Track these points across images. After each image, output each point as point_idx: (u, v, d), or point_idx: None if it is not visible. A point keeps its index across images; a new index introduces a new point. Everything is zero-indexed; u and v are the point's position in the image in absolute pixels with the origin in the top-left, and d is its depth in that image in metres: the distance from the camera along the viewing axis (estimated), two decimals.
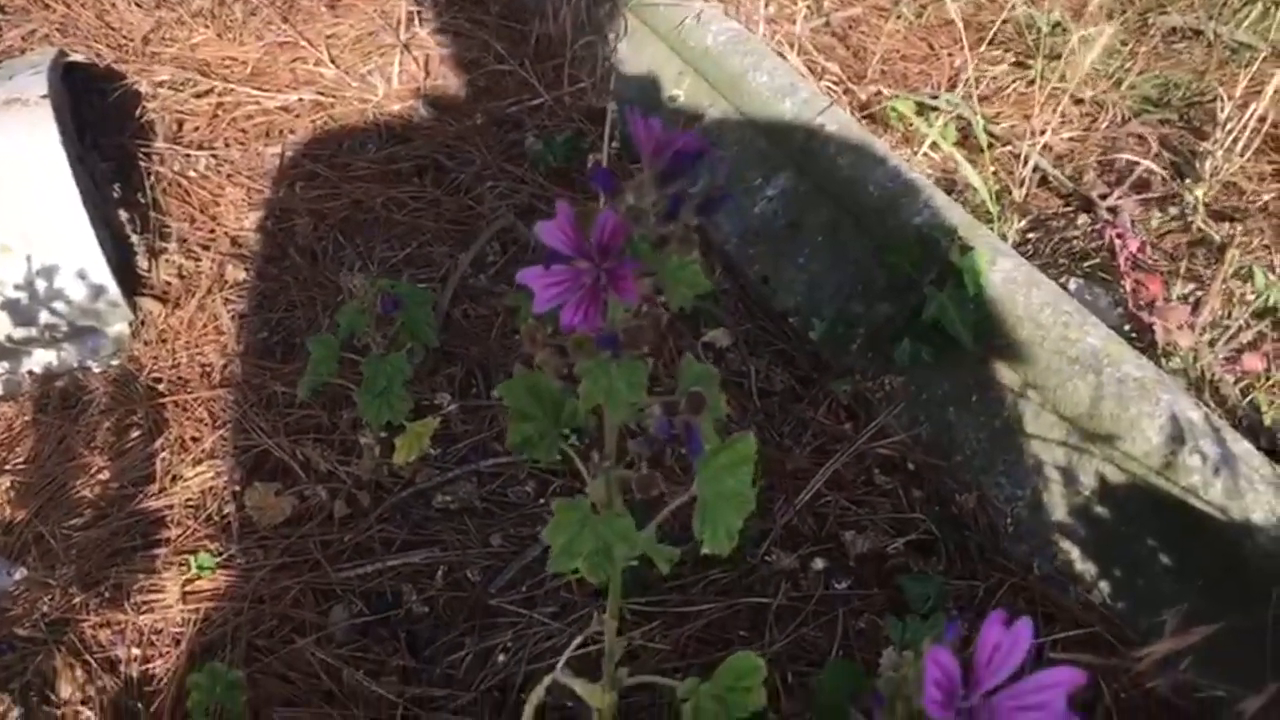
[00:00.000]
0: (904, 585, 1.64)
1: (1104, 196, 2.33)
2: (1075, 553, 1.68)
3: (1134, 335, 1.94)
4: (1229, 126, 2.32)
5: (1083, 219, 2.33)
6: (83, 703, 1.66)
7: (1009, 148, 2.50)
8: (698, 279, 0.93)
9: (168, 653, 1.72)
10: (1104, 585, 1.61)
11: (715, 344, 2.12)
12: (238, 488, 1.92)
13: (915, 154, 2.48)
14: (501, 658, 1.69)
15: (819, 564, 1.73)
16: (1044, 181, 2.44)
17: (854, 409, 1.98)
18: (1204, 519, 1.54)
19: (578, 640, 1.18)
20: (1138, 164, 2.39)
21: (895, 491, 1.85)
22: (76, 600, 1.77)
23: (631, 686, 1.27)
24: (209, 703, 1.41)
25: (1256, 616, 1.40)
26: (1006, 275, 1.86)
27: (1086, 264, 2.22)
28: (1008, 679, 0.68)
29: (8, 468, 2.00)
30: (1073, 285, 2.17)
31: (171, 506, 1.91)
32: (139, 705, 1.65)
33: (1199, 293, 1.98)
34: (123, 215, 2.34)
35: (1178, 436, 1.59)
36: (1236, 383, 1.84)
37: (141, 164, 2.49)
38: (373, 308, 1.69)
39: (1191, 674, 1.32)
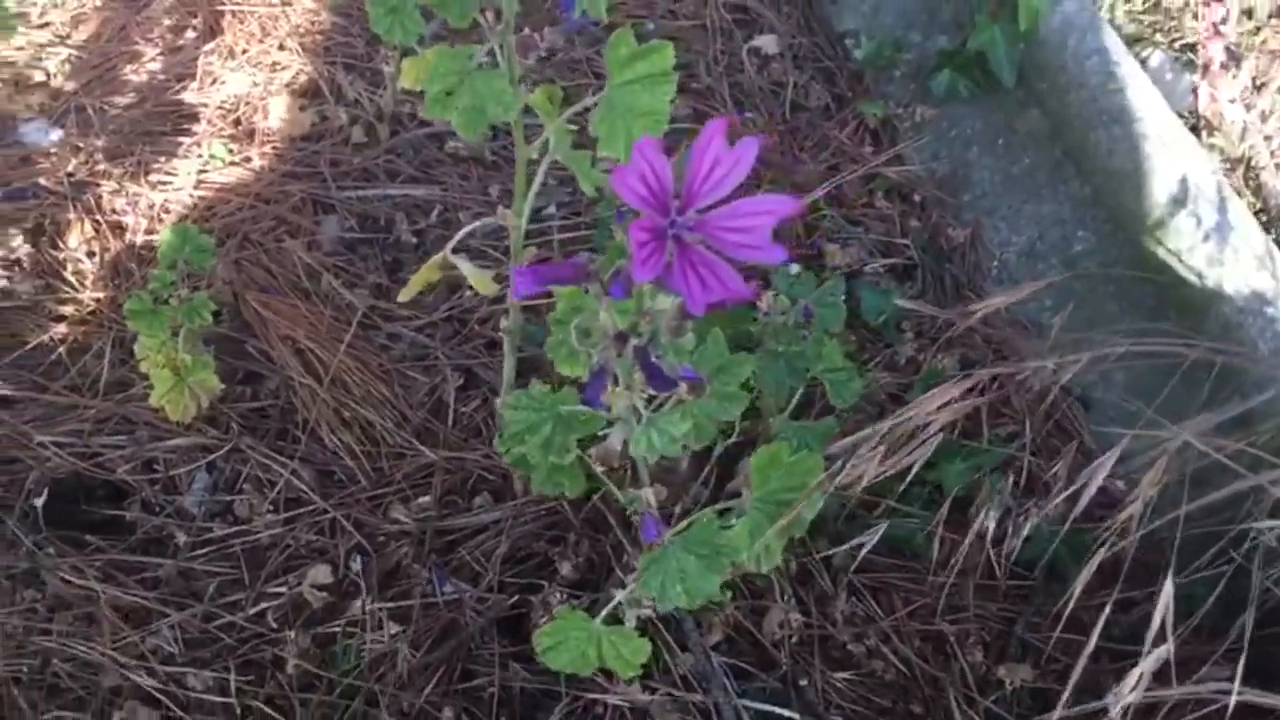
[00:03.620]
0: (862, 293, 1.62)
1: None
2: (1049, 302, 1.64)
3: (1191, 113, 1.82)
4: None
5: None
6: (87, 255, 1.78)
7: None
8: None
9: None
10: (1065, 337, 1.57)
11: (762, 50, 2.06)
12: (268, 98, 1.98)
13: None
14: (469, 293, 1.74)
15: (793, 269, 1.72)
16: None
17: (879, 134, 1.92)
18: (1179, 284, 1.48)
19: (472, 226, 1.20)
20: None
21: (892, 217, 1.81)
22: (101, 167, 1.87)
23: None
24: (175, 257, 1.49)
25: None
26: (1067, 18, 1.74)
27: (1180, 43, 2.07)
28: (724, 199, 0.67)
29: (69, 42, 2.09)
30: (1155, 59, 2.02)
31: (206, 105, 1.99)
32: (134, 267, 1.76)
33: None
34: None
35: (1180, 199, 1.51)
36: None
37: None
38: None
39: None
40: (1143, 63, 1.88)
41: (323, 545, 1.49)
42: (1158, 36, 2.15)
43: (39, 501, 1.49)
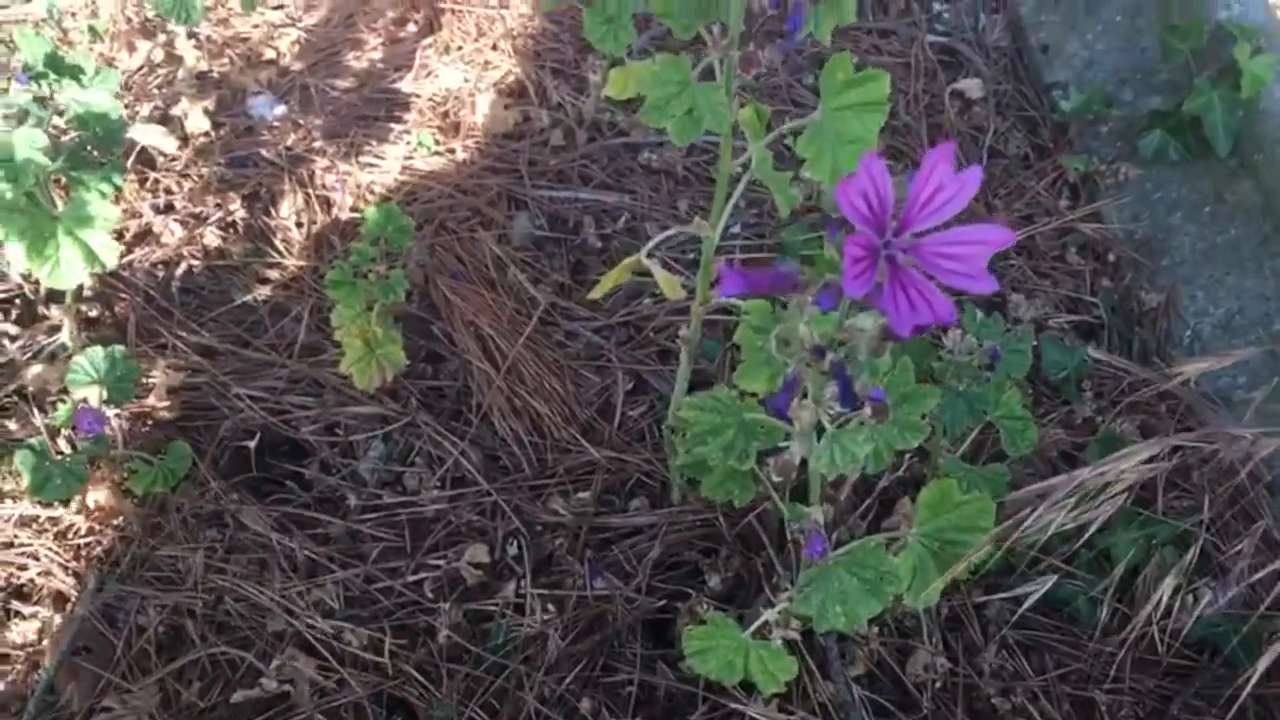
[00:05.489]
0: (1045, 346, 1.59)
1: None
2: (1242, 380, 1.58)
3: None
4: None
5: None
6: (295, 224, 1.88)
7: None
8: None
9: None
10: (1256, 417, 1.51)
11: (965, 93, 2.05)
12: (477, 95, 2.06)
13: None
14: (648, 300, 1.78)
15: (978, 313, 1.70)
16: None
17: (1078, 189, 1.89)
18: None
19: (668, 233, 1.23)
20: None
21: (1083, 274, 1.77)
22: (317, 144, 1.98)
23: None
24: (378, 234, 1.57)
25: None
26: None
27: None
28: (940, 225, 0.68)
29: (300, 25, 2.22)
30: None
31: (418, 95, 2.08)
32: (336, 241, 1.86)
33: None
34: None
35: None
36: None
37: None
38: None
39: None
40: None
41: (483, 526, 1.54)
42: None
43: (230, 450, 1.59)
